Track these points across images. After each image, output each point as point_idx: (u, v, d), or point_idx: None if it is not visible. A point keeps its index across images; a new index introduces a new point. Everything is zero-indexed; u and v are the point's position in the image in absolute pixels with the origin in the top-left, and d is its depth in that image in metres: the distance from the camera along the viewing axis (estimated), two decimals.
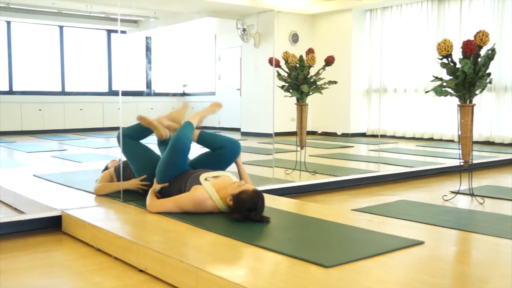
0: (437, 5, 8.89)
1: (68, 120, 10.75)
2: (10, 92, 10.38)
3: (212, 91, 11.77)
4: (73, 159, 6.08)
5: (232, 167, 3.53)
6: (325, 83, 4.87)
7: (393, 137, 9.38)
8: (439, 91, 3.86)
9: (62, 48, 11.01)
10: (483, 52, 3.74)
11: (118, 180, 3.63)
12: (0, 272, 2.43)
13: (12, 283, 2.30)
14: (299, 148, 4.93)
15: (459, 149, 3.91)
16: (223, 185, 3.04)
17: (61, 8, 9.98)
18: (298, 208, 3.44)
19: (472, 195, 3.92)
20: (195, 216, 2.95)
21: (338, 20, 9.90)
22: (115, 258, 2.62)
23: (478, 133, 8.23)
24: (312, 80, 4.82)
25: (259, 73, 9.79)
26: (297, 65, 4.77)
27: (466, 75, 3.70)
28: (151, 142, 3.65)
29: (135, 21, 11.39)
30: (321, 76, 4.87)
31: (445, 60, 3.81)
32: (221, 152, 3.38)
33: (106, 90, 11.56)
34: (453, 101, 6.48)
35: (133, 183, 3.51)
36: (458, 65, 3.76)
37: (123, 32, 11.31)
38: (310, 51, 4.83)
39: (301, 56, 4.81)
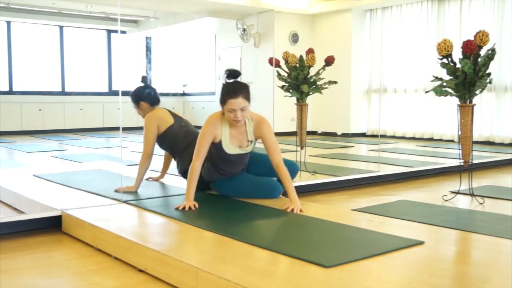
0: (437, 5, 8.88)
1: (68, 120, 10.75)
2: (10, 92, 10.38)
3: (212, 91, 11.76)
4: (73, 159, 6.08)
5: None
6: (325, 83, 4.86)
7: (393, 137, 9.38)
8: (439, 91, 3.86)
9: (62, 48, 11.01)
10: (483, 52, 3.74)
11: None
12: (0, 272, 2.43)
13: (12, 283, 2.30)
14: (299, 148, 4.93)
15: (459, 149, 3.91)
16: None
17: (61, 8, 9.98)
18: None
19: (472, 195, 3.92)
20: (195, 216, 2.96)
21: (338, 20, 9.90)
22: (115, 258, 2.62)
23: (478, 133, 8.22)
24: (312, 80, 4.82)
25: (259, 73, 9.77)
26: (297, 65, 4.76)
27: (466, 75, 3.69)
28: None
29: (135, 21, 11.39)
30: (321, 76, 4.87)
31: (445, 60, 3.81)
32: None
33: (106, 90, 11.56)
34: (453, 101, 6.46)
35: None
36: (458, 65, 3.76)
37: (123, 32, 11.31)
38: (310, 51, 4.83)
39: (301, 56, 4.81)
